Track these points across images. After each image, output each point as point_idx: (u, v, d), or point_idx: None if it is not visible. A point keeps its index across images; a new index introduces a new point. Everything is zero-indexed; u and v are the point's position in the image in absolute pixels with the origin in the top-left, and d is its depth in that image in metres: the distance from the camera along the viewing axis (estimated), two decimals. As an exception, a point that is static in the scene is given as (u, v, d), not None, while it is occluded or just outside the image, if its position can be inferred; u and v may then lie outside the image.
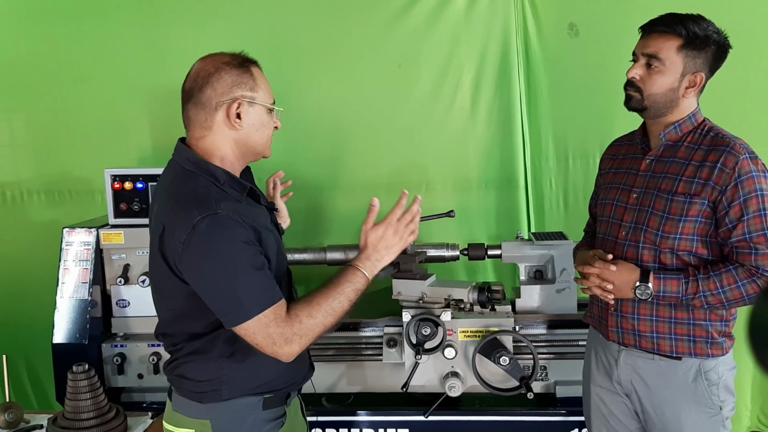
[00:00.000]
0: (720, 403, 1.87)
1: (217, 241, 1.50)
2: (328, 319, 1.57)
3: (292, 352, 1.54)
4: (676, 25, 1.80)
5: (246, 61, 1.63)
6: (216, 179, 1.58)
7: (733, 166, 1.76)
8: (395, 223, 1.68)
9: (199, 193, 1.54)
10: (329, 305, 1.57)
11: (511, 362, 2.18)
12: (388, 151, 3.08)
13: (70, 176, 3.16)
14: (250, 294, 1.50)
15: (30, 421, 2.20)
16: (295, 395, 1.79)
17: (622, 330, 1.93)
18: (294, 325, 1.53)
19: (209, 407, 1.62)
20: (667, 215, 1.83)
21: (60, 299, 2.58)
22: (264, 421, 1.66)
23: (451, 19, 2.96)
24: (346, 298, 1.59)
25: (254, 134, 1.63)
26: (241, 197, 1.60)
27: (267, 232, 1.62)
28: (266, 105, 1.64)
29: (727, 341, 1.89)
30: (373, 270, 1.65)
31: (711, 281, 1.78)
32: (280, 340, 1.51)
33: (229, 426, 1.63)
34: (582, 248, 2.13)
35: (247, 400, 1.64)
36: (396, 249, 1.68)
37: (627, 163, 2.00)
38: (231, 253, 1.51)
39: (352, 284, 1.61)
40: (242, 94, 1.59)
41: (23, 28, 3.07)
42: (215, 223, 1.49)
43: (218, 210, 1.50)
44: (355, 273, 1.62)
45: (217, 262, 1.50)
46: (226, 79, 1.58)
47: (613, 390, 2.00)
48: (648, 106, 1.86)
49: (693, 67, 1.83)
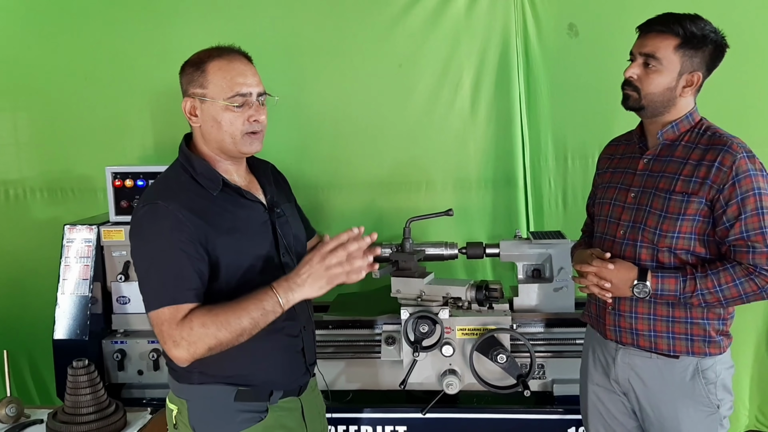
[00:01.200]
0: (717, 401, 1.88)
1: (144, 231, 1.59)
2: (222, 332, 1.51)
3: (180, 356, 1.53)
4: (674, 25, 1.81)
5: (208, 57, 1.64)
6: (193, 169, 1.66)
7: (730, 164, 1.77)
8: (326, 254, 1.56)
9: (158, 182, 1.66)
10: (226, 319, 1.52)
11: (509, 360, 2.19)
12: (388, 150, 3.09)
13: (72, 174, 3.18)
14: (154, 288, 1.56)
15: (30, 416, 2.22)
16: (281, 395, 1.74)
17: (620, 329, 1.93)
18: (184, 330, 1.52)
19: (184, 388, 1.69)
20: (665, 214, 1.84)
21: (61, 296, 2.59)
22: (237, 411, 1.68)
23: (452, 20, 2.97)
24: (247, 316, 1.53)
25: (211, 130, 1.65)
26: (216, 189, 1.64)
27: (230, 231, 1.62)
28: (216, 101, 1.62)
29: (725, 340, 1.90)
30: (288, 295, 1.55)
31: (709, 279, 1.79)
32: (169, 342, 1.53)
33: (202, 410, 1.68)
34: (580, 247, 2.14)
35: (219, 389, 1.67)
36: (321, 284, 1.56)
37: (625, 163, 2.01)
38: (152, 245, 1.58)
39: (260, 303, 1.54)
40: (193, 91, 1.65)
41: (27, 27, 3.10)
42: (149, 213, 1.58)
43: (157, 201, 1.57)
44: (267, 292, 1.55)
45: (139, 251, 1.59)
46: (183, 78, 1.68)
47: (610, 388, 2.01)
48: (645, 105, 1.87)
49: (690, 67, 1.84)
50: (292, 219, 1.83)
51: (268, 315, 1.55)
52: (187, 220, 1.56)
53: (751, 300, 1.80)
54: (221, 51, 1.66)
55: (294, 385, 1.78)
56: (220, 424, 1.67)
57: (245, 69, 1.66)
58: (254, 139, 1.68)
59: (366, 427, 2.46)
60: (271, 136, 2.97)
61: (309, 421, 1.81)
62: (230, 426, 1.67)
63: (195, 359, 1.55)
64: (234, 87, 1.62)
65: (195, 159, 1.68)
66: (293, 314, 1.72)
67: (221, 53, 1.65)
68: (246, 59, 1.69)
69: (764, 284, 1.76)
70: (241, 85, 1.63)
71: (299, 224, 1.87)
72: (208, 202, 1.64)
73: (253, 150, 1.70)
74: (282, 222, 1.77)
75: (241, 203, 1.69)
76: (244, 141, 1.66)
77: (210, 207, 1.63)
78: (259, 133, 1.69)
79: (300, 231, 1.85)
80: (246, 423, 1.68)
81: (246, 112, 1.64)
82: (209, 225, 1.60)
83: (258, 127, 1.67)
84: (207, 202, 1.63)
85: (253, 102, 1.66)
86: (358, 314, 2.62)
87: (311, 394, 1.87)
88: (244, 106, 1.64)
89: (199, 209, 1.60)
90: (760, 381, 3.09)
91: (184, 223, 1.56)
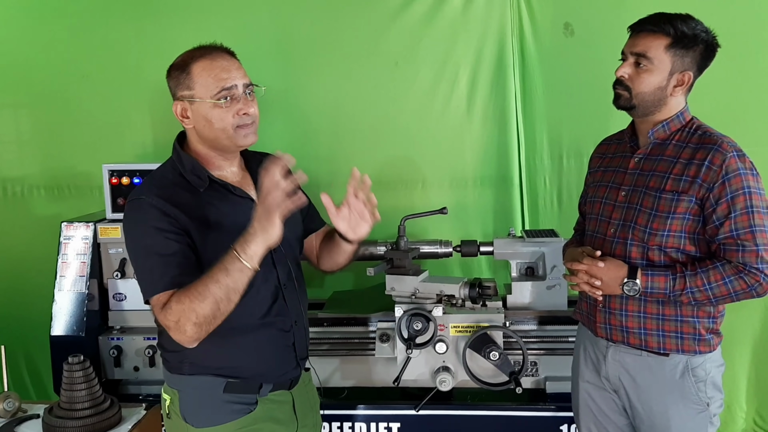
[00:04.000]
0: (707, 399, 1.89)
1: (130, 224, 1.66)
2: (196, 303, 1.52)
3: (179, 339, 1.57)
4: (665, 24, 1.83)
5: (192, 58, 1.67)
6: (182, 166, 1.70)
7: (720, 163, 1.78)
8: (264, 197, 1.52)
9: (147, 179, 1.72)
10: (195, 289, 1.53)
11: (501, 357, 2.20)
12: (384, 148, 3.10)
13: (71, 171, 3.20)
14: (144, 277, 1.63)
15: (27, 411, 2.23)
16: (271, 387, 1.76)
17: (611, 326, 1.95)
18: (167, 314, 1.56)
19: (176, 378, 1.73)
20: (655, 212, 1.85)
21: (58, 292, 2.61)
22: (226, 402, 1.70)
23: (448, 18, 2.98)
24: (214, 282, 1.52)
25: (203, 129, 1.68)
26: (203, 185, 1.68)
27: (214, 227, 1.64)
28: (204, 100, 1.64)
29: (715, 338, 1.91)
30: (245, 247, 1.52)
31: (698, 278, 1.80)
32: (165, 328, 1.59)
33: (193, 400, 1.71)
34: (571, 246, 2.15)
35: (209, 380, 1.70)
36: (268, 222, 1.51)
37: (616, 162, 2.03)
38: (136, 239, 1.64)
39: (222, 265, 1.53)
40: (181, 94, 1.68)
41: (27, 26, 3.11)
42: (135, 206, 1.64)
43: (142, 196, 1.63)
44: (228, 254, 1.54)
45: (129, 242, 1.66)
46: (170, 82, 1.71)
47: (601, 386, 2.02)
48: (636, 104, 1.89)
49: (681, 66, 1.85)
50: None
51: (234, 274, 1.52)
52: (169, 212, 1.60)
53: (741, 298, 1.81)
54: (204, 51, 1.68)
55: (284, 378, 1.79)
56: (210, 415, 1.70)
57: (228, 64, 1.67)
58: (248, 132, 1.69)
59: (360, 423, 2.48)
60: (267, 133, 3.00)
61: (300, 415, 1.83)
62: (220, 416, 1.70)
63: (194, 339, 1.56)
64: (219, 83, 1.64)
65: (185, 156, 1.71)
66: (285, 310, 1.75)
67: (204, 53, 1.67)
68: (229, 55, 1.70)
69: (753, 282, 1.77)
70: (225, 80, 1.64)
71: (294, 218, 1.82)
72: (194, 197, 1.67)
73: (249, 142, 1.71)
74: None
75: (229, 199, 1.71)
76: (237, 135, 1.67)
77: (195, 202, 1.66)
78: (252, 125, 1.69)
79: (294, 225, 1.83)
80: (236, 414, 1.70)
81: (234, 106, 1.65)
82: (192, 219, 1.63)
83: (248, 120, 1.67)
84: (193, 197, 1.67)
85: (240, 95, 1.66)
86: (353, 311, 2.63)
87: (304, 388, 1.88)
88: (232, 101, 1.65)
89: (182, 203, 1.63)
90: (757, 383, 3.08)
91: (167, 214, 1.60)
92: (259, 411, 1.73)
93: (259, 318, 1.70)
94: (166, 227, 1.59)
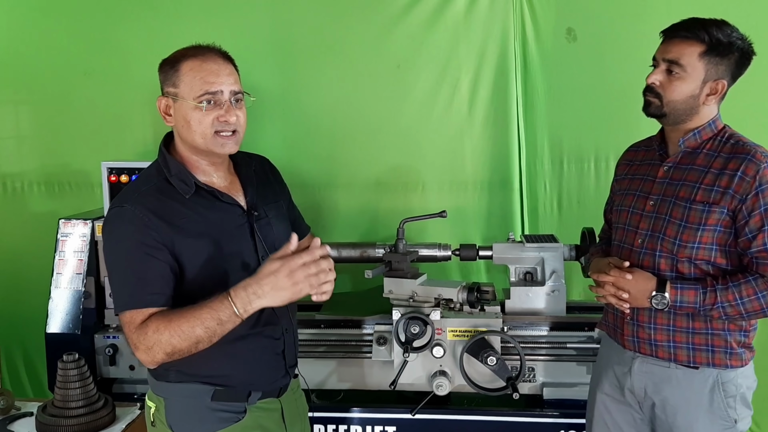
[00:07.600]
0: (736, 416, 1.82)
1: (110, 233, 1.61)
2: (175, 339, 1.49)
3: (143, 359, 1.55)
4: (699, 31, 1.75)
5: (183, 56, 1.63)
6: (168, 170, 1.65)
7: (754, 174, 1.72)
8: (297, 266, 1.48)
9: (132, 184, 1.68)
10: (179, 326, 1.49)
11: (498, 362, 2.19)
12: (385, 150, 3.10)
13: (70, 169, 3.20)
14: (117, 291, 1.59)
15: (21, 409, 2.22)
16: (260, 395, 1.72)
17: (638, 339, 1.89)
18: (141, 335, 1.52)
19: (162, 386, 1.69)
20: (685, 224, 1.79)
21: (55, 290, 2.60)
22: (214, 410, 1.67)
23: (451, 22, 2.98)
24: (201, 325, 1.49)
25: (182, 130, 1.64)
26: (188, 192, 1.63)
27: (200, 235, 1.60)
28: (186, 101, 1.60)
29: (747, 352, 1.84)
30: (246, 304, 1.49)
31: (730, 292, 1.73)
32: (132, 345, 1.56)
33: (179, 408, 1.68)
34: (597, 255, 2.09)
35: (196, 387, 1.66)
36: (285, 294, 1.49)
37: (644, 170, 1.96)
38: (115, 249, 1.60)
39: (215, 312, 1.49)
40: (167, 90, 1.65)
41: (28, 22, 3.11)
42: (116, 215, 1.60)
43: (125, 204, 1.58)
44: (223, 301, 1.49)
45: (105, 254, 1.63)
46: (160, 75, 1.67)
47: (620, 399, 1.96)
48: (667, 112, 1.82)
49: (715, 74, 1.78)
50: (276, 220, 1.78)
51: (225, 325, 1.50)
52: (152, 224, 1.56)
53: None
54: (197, 50, 1.64)
55: (273, 386, 1.76)
56: (197, 423, 1.66)
57: (218, 68, 1.62)
58: (226, 140, 1.62)
59: (356, 426, 2.46)
60: (267, 134, 3.02)
61: (289, 423, 1.80)
62: (207, 425, 1.66)
63: (159, 363, 1.55)
64: (204, 86, 1.59)
65: (171, 160, 1.66)
66: (274, 319, 1.71)
67: (196, 53, 1.63)
68: (223, 58, 1.65)
69: None
70: (211, 84, 1.59)
71: (284, 225, 1.81)
72: (179, 205, 1.61)
73: (226, 151, 1.65)
74: (263, 224, 1.73)
75: (216, 206, 1.66)
76: (215, 141, 1.61)
77: (180, 210, 1.61)
78: (233, 134, 1.63)
79: (285, 232, 1.73)
80: (223, 423, 1.67)
81: (215, 111, 1.60)
82: (176, 229, 1.58)
83: (228, 127, 1.61)
84: (178, 205, 1.61)
85: (225, 101, 1.61)
86: (350, 314, 2.61)
87: (292, 395, 1.84)
88: (215, 106, 1.60)
89: (166, 213, 1.58)
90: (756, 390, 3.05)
91: (149, 226, 1.56)
92: (247, 419, 1.69)
93: (250, 327, 1.63)
94: (147, 241, 1.55)
